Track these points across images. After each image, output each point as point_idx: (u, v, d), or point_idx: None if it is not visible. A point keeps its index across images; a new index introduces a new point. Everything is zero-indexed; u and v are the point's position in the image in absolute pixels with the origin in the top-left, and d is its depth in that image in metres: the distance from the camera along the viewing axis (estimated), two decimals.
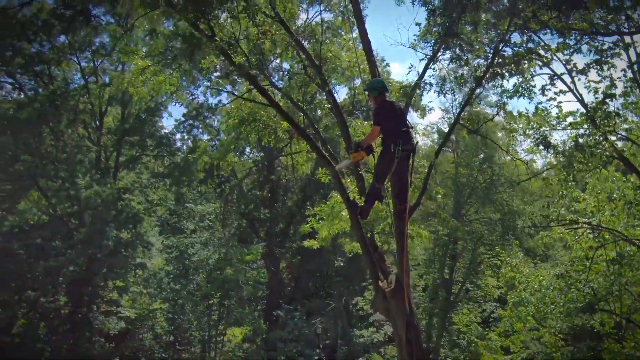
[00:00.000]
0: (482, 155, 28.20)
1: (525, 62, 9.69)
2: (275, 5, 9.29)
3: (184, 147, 30.36)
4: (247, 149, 34.10)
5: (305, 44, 10.20)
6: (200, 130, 29.66)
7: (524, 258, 20.16)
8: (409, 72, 25.78)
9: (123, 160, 29.37)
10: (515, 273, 15.46)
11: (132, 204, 26.49)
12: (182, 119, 29.89)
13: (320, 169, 14.86)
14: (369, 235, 9.22)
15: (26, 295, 24.49)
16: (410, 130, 7.97)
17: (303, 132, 9.34)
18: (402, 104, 9.54)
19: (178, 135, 30.47)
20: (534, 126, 13.51)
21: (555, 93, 13.46)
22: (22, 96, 26.11)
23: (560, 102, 13.63)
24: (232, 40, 9.01)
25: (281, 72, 11.32)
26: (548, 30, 11.00)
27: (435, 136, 31.17)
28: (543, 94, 13.22)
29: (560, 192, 13.22)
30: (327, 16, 11.24)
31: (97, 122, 27.98)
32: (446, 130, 25.84)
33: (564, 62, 13.56)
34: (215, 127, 31.02)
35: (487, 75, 8.94)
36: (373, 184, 8.07)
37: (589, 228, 13.20)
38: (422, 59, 9.24)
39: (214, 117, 30.04)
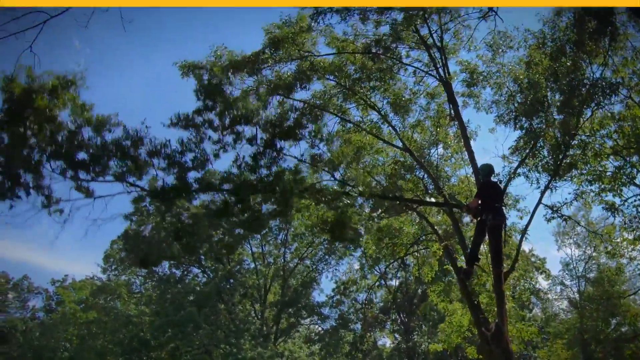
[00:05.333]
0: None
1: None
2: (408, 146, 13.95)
3: (333, 317, 34.13)
4: (388, 324, 37.11)
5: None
6: (347, 304, 33.65)
7: None
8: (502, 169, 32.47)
9: (282, 328, 33.62)
10: None
11: None
12: (332, 293, 34.40)
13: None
14: (476, 302, 12.05)
15: None
16: (503, 206, 10.97)
17: (435, 229, 13.17)
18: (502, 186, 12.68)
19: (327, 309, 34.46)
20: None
21: None
22: (204, 277, 32.65)
23: None
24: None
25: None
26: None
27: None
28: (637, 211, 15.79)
29: None
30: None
31: (262, 297, 33.27)
32: None
33: None
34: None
35: (562, 166, 11.98)
36: (471, 250, 11.27)
37: None
38: (512, 163, 12.86)
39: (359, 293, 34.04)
